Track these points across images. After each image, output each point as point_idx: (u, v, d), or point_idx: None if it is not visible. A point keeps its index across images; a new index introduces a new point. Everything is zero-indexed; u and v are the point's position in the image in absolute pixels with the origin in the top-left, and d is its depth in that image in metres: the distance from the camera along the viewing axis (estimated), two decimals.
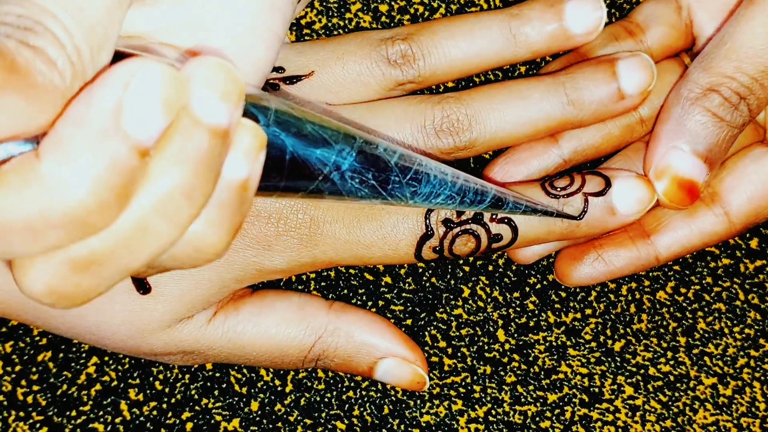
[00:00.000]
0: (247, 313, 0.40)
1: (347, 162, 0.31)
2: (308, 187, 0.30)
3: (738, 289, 0.45)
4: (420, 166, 0.33)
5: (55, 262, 0.24)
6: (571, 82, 0.41)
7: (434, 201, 0.34)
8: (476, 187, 0.35)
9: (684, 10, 0.43)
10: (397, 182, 0.32)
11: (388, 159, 0.32)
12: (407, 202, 0.34)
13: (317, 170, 0.30)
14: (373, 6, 0.42)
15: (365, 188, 0.31)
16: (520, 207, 0.37)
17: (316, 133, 0.30)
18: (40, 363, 0.43)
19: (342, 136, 0.31)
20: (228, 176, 0.26)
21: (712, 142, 0.40)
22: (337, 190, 0.31)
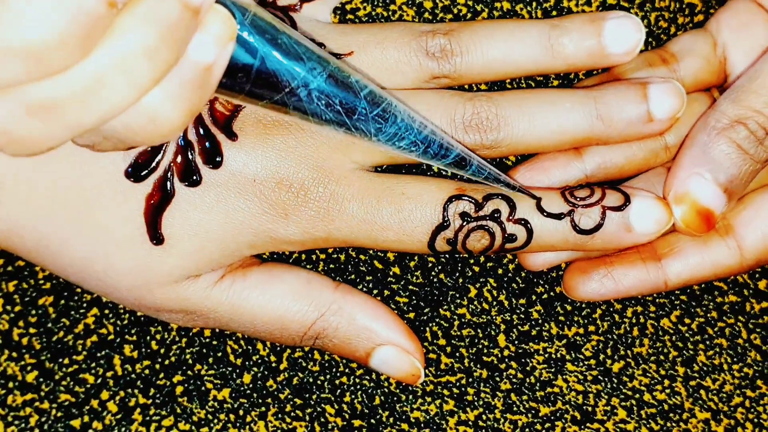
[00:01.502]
0: (254, 280, 0.41)
1: (316, 81, 0.32)
2: (273, 96, 0.31)
3: (742, 327, 0.45)
4: (389, 106, 0.35)
5: (11, 101, 0.25)
6: (602, 97, 0.41)
7: (398, 144, 0.35)
8: (442, 141, 0.37)
9: (720, 47, 0.44)
10: (363, 114, 0.34)
11: (358, 89, 0.33)
12: (370, 139, 0.35)
13: (285, 81, 0.31)
14: (418, 1, 0.43)
15: (330, 112, 0.33)
16: (483, 172, 0.38)
17: (290, 46, 0.31)
18: (40, 306, 0.43)
19: (315, 56, 0.32)
20: (193, 56, 0.27)
21: (734, 173, 0.40)
22: (302, 107, 0.32)
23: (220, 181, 0.38)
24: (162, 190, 0.38)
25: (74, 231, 0.38)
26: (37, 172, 0.38)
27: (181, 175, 0.38)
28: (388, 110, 0.34)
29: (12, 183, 0.38)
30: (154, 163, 0.38)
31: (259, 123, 0.39)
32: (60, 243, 0.38)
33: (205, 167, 0.38)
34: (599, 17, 0.42)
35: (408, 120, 0.35)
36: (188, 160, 0.38)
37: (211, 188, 0.38)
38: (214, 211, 0.38)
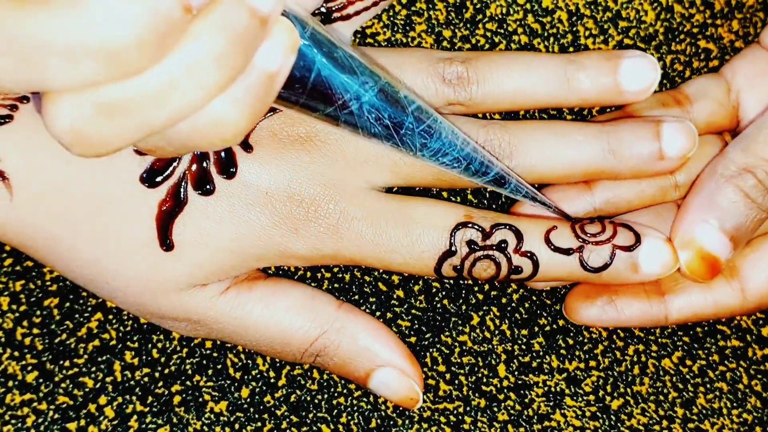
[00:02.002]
0: (259, 293, 0.41)
1: (368, 95, 0.32)
2: (326, 108, 0.32)
3: (743, 372, 0.45)
4: (434, 122, 0.35)
5: (84, 101, 0.26)
6: (614, 133, 0.41)
7: (441, 159, 0.36)
8: (483, 159, 0.38)
9: (734, 93, 0.44)
10: (410, 129, 0.34)
11: (406, 104, 0.34)
12: (416, 153, 0.35)
13: (338, 94, 0.31)
14: (438, 30, 0.44)
15: (380, 126, 0.33)
16: (521, 191, 0.39)
17: (345, 60, 0.31)
18: (45, 308, 0.43)
19: (368, 71, 0.33)
20: (260, 64, 0.28)
21: (741, 221, 0.40)
22: (353, 120, 0.33)
23: (233, 192, 0.39)
24: (175, 197, 0.38)
25: (85, 232, 0.38)
26: (52, 173, 0.38)
27: (195, 184, 0.38)
28: (433, 126, 0.35)
29: (26, 182, 0.38)
30: (169, 169, 0.38)
31: (275, 137, 0.39)
32: (70, 244, 0.39)
33: (219, 177, 0.38)
34: (616, 55, 0.42)
35: (452, 137, 0.36)
36: (203, 169, 0.38)
37: (223, 198, 0.39)
38: (225, 221, 0.39)
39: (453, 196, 0.44)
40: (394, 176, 0.41)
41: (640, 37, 0.44)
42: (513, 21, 0.44)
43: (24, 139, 0.38)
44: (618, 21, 0.44)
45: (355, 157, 0.40)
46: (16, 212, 0.38)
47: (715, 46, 0.45)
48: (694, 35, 0.45)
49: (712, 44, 0.45)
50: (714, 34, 0.45)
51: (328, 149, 0.39)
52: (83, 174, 0.38)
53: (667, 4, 0.44)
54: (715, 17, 0.45)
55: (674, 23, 0.44)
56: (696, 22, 0.44)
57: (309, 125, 0.39)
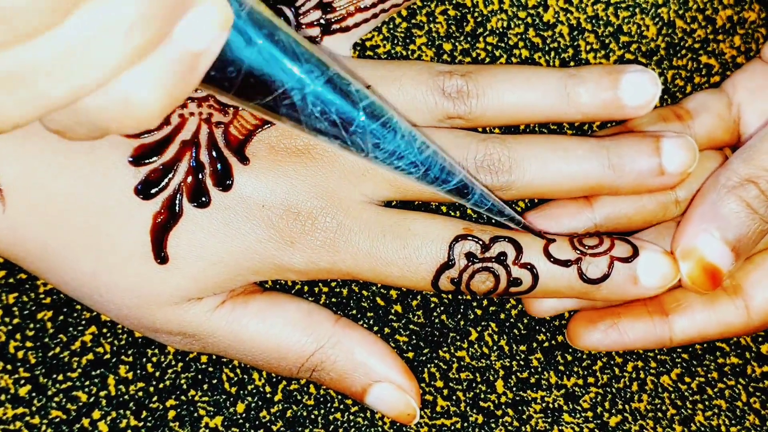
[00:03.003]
0: (255, 308, 0.40)
1: (313, 86, 0.29)
2: (265, 96, 0.28)
3: (742, 390, 0.44)
4: (389, 120, 0.32)
5: None
6: (615, 147, 0.41)
7: (396, 163, 0.33)
8: (444, 164, 0.34)
9: (734, 107, 0.44)
10: (361, 127, 0.31)
11: (357, 99, 0.31)
12: (367, 155, 0.32)
13: (278, 81, 0.28)
14: (438, 43, 0.43)
15: (325, 121, 0.30)
16: (486, 203, 0.36)
17: (288, 44, 0.28)
18: (38, 321, 0.42)
19: (315, 59, 0.29)
20: (180, 40, 0.25)
21: (743, 232, 0.40)
22: (295, 112, 0.29)
23: (229, 205, 0.38)
24: (170, 209, 0.38)
25: (79, 244, 0.38)
26: (46, 183, 0.37)
27: (190, 196, 0.38)
28: (388, 125, 0.32)
29: (20, 193, 0.37)
30: (164, 181, 0.38)
31: (272, 149, 0.39)
32: (64, 256, 0.38)
33: (215, 189, 0.38)
34: (617, 70, 0.42)
35: (409, 138, 0.33)
36: (198, 181, 0.38)
37: (219, 211, 0.38)
38: (220, 234, 0.38)
39: (452, 210, 0.44)
40: (392, 190, 0.40)
41: (641, 52, 0.44)
42: (514, 35, 0.43)
43: (17, 150, 0.37)
44: (619, 36, 0.43)
45: (353, 170, 0.39)
46: (9, 224, 0.38)
47: (716, 62, 0.45)
48: (695, 50, 0.44)
49: (714, 60, 0.45)
50: (716, 49, 0.45)
51: (326, 162, 0.39)
52: (77, 185, 0.38)
53: (669, 20, 0.43)
54: (717, 33, 0.44)
55: (676, 38, 0.44)
56: (698, 38, 0.44)
57: (307, 138, 0.39)
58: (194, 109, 0.39)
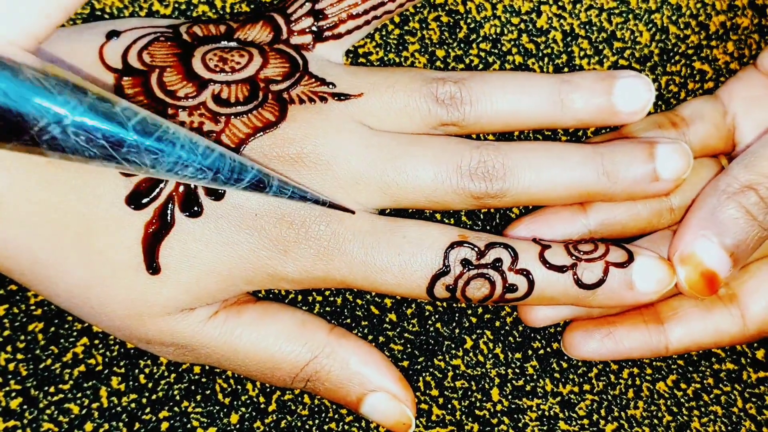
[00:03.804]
0: (248, 318, 0.40)
1: (72, 116, 0.28)
2: (21, 136, 0.28)
3: (737, 396, 0.44)
4: (165, 133, 0.31)
5: None
6: (609, 154, 0.41)
7: (181, 173, 0.33)
8: (233, 165, 0.34)
9: (730, 116, 0.44)
10: (134, 146, 0.30)
11: (125, 119, 0.30)
12: (148, 170, 0.32)
13: (32, 120, 0.28)
14: (431, 50, 0.43)
15: (93, 148, 0.29)
16: (286, 191, 0.35)
17: (36, 80, 0.28)
18: (29, 332, 0.42)
19: (70, 88, 0.29)
20: None
21: (741, 238, 0.40)
22: (58, 145, 0.29)
23: (222, 214, 0.38)
24: (162, 219, 0.37)
25: (70, 255, 0.38)
26: (36, 195, 0.37)
27: (182, 205, 0.37)
28: (164, 138, 0.31)
29: (10, 203, 0.37)
30: (155, 191, 0.37)
31: (264, 158, 0.38)
32: (55, 267, 0.38)
33: (207, 198, 0.38)
34: (611, 75, 0.42)
35: (190, 146, 0.32)
36: (190, 190, 0.37)
37: (211, 220, 0.38)
38: (213, 244, 0.38)
39: (446, 218, 0.44)
40: (386, 198, 0.40)
41: (635, 57, 0.44)
42: (507, 41, 0.43)
43: (5, 162, 0.37)
44: (613, 42, 0.43)
45: (346, 178, 0.39)
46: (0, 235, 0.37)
47: (710, 68, 0.45)
48: (689, 56, 0.44)
49: (707, 66, 0.45)
50: (709, 55, 0.45)
51: (319, 170, 0.39)
52: (67, 196, 0.37)
53: (662, 26, 0.43)
54: (710, 39, 0.44)
55: (669, 44, 0.44)
56: (691, 44, 0.44)
57: (300, 146, 0.39)
58: (185, 118, 0.38)
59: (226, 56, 0.40)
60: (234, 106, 0.39)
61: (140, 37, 0.41)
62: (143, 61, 0.40)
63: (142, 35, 0.41)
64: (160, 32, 0.41)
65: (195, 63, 0.40)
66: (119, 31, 0.40)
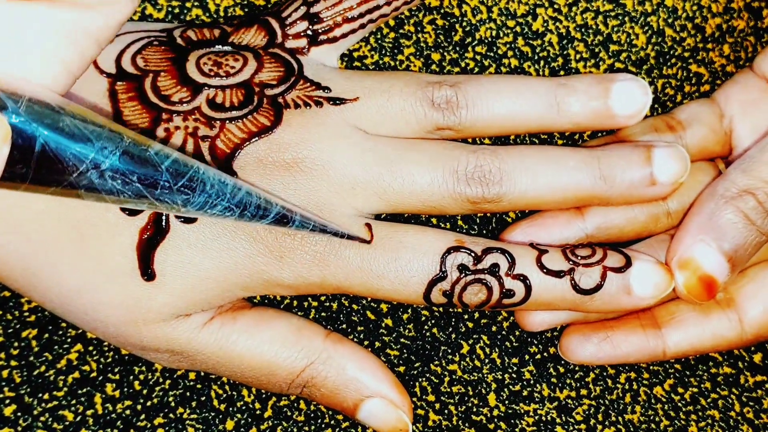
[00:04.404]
0: (244, 324, 0.40)
1: (109, 161, 0.30)
2: (60, 182, 0.29)
3: (735, 400, 0.44)
4: (196, 173, 0.33)
5: None
6: (606, 158, 0.41)
7: (210, 211, 0.34)
8: (258, 201, 0.35)
9: (726, 119, 0.44)
10: (167, 187, 0.32)
11: (158, 162, 0.31)
12: (179, 210, 0.33)
13: (71, 166, 0.29)
14: (426, 53, 0.43)
15: (129, 190, 0.31)
16: (307, 225, 0.36)
17: (75, 127, 0.29)
18: (23, 339, 0.42)
19: (106, 134, 0.30)
20: None
21: (739, 243, 0.40)
22: (95, 188, 0.30)
23: (216, 220, 0.38)
24: (156, 225, 0.37)
25: (64, 261, 0.37)
26: (29, 201, 0.37)
27: None
28: (195, 178, 0.33)
29: (2, 210, 0.37)
30: None
31: (260, 163, 0.38)
32: (49, 273, 0.38)
33: None
34: (607, 79, 0.42)
35: (219, 186, 0.33)
36: None
37: (206, 226, 0.38)
38: (208, 250, 0.38)
39: (443, 222, 0.44)
40: (382, 203, 0.40)
41: (631, 60, 0.44)
42: (503, 44, 0.43)
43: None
44: (609, 44, 0.43)
45: (342, 183, 0.39)
46: None
47: (706, 71, 0.45)
48: (685, 59, 0.44)
49: (704, 68, 0.45)
50: (705, 58, 0.45)
51: (315, 175, 0.39)
52: (62, 203, 0.37)
53: (658, 28, 0.43)
54: (706, 41, 0.44)
55: (665, 47, 0.44)
56: (687, 46, 0.44)
57: (295, 151, 0.38)
58: (180, 123, 0.38)
59: (221, 60, 0.40)
60: (229, 110, 0.38)
61: (134, 41, 0.40)
62: (137, 66, 0.39)
63: (135, 39, 0.40)
64: (154, 36, 0.41)
65: (189, 67, 0.39)
66: None
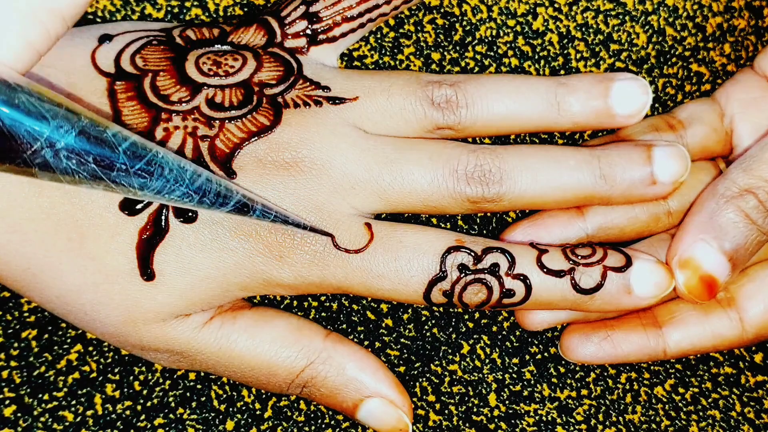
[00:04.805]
0: (243, 324, 0.40)
1: (64, 140, 0.29)
2: (13, 159, 0.29)
3: (736, 400, 0.44)
4: (154, 157, 0.32)
5: None
6: (606, 157, 0.41)
7: (169, 196, 0.33)
8: (218, 188, 0.35)
9: (727, 118, 0.44)
10: (123, 170, 0.31)
11: (116, 144, 0.31)
12: (136, 193, 0.32)
13: (25, 144, 0.28)
14: (426, 53, 0.43)
15: (83, 171, 0.30)
16: (269, 215, 0.36)
17: (31, 105, 0.28)
18: (23, 340, 0.42)
19: (63, 113, 0.30)
20: None
21: (740, 242, 0.39)
22: (49, 167, 0.30)
23: (217, 219, 0.38)
24: (156, 225, 0.37)
25: (63, 261, 0.37)
26: (28, 201, 0.37)
27: (176, 211, 0.37)
28: (153, 162, 0.32)
29: (2, 209, 0.37)
30: None
31: (259, 162, 0.38)
32: (48, 272, 0.38)
33: None
34: (607, 78, 0.42)
35: (178, 171, 0.33)
36: None
37: (206, 226, 0.38)
38: (207, 250, 0.38)
39: (443, 222, 0.43)
40: (381, 202, 0.40)
41: (631, 60, 0.43)
42: (503, 43, 0.43)
43: None
44: (609, 44, 0.43)
45: (342, 182, 0.39)
46: None
47: (707, 70, 0.45)
48: (686, 58, 0.44)
49: (704, 68, 0.45)
50: (706, 57, 0.44)
51: (314, 175, 0.38)
52: (60, 202, 0.37)
53: (659, 27, 0.43)
54: (707, 40, 0.44)
55: (666, 46, 0.44)
56: (688, 46, 0.44)
57: (295, 150, 0.38)
58: (179, 122, 0.38)
59: (220, 60, 0.40)
60: (228, 110, 0.38)
61: (133, 40, 0.40)
62: (136, 65, 0.39)
63: (134, 39, 0.40)
64: (153, 36, 0.41)
65: (188, 67, 0.39)
66: (112, 35, 0.40)
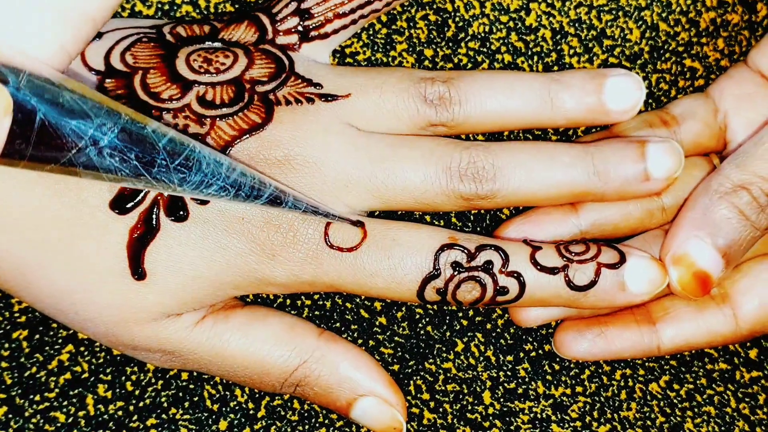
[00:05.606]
0: (236, 322, 0.39)
1: (107, 138, 0.29)
2: (59, 159, 0.28)
3: (731, 396, 0.44)
4: (192, 152, 0.33)
5: None
6: (599, 153, 0.41)
7: (206, 191, 0.34)
8: (252, 182, 0.35)
9: (721, 114, 0.44)
10: (164, 166, 0.31)
11: (156, 140, 0.31)
12: (175, 189, 0.33)
13: (71, 142, 0.28)
14: (419, 49, 0.43)
15: (126, 168, 0.30)
16: (300, 207, 0.36)
17: (75, 103, 0.28)
18: (14, 340, 0.41)
19: (105, 111, 0.30)
20: None
21: (734, 238, 0.39)
22: (93, 165, 0.30)
23: (208, 218, 0.37)
24: (147, 224, 0.37)
25: (54, 260, 0.37)
26: (18, 200, 0.36)
27: (167, 210, 0.37)
28: (191, 158, 0.32)
29: None
30: (140, 195, 0.37)
31: (251, 160, 0.38)
32: (39, 272, 0.37)
33: (192, 202, 0.37)
34: (601, 74, 0.42)
35: (214, 166, 0.33)
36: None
37: (197, 224, 0.37)
38: (199, 249, 0.37)
39: (436, 219, 0.43)
40: (375, 200, 0.39)
41: (625, 55, 0.43)
42: (496, 39, 0.43)
43: None
44: (603, 39, 0.43)
45: (335, 180, 0.39)
46: None
47: (700, 65, 0.45)
48: (679, 54, 0.44)
49: (698, 63, 0.44)
50: (699, 52, 0.44)
51: (307, 173, 0.38)
52: (50, 201, 0.36)
53: (652, 23, 0.43)
54: (701, 36, 0.44)
55: (659, 42, 0.43)
56: (681, 41, 0.44)
57: (287, 148, 0.38)
58: (169, 120, 0.38)
59: (211, 57, 0.39)
60: (219, 107, 0.38)
61: (123, 38, 0.40)
62: (126, 63, 0.39)
63: (124, 36, 0.40)
64: (143, 33, 0.40)
65: (179, 64, 0.39)
66: (101, 32, 0.40)
